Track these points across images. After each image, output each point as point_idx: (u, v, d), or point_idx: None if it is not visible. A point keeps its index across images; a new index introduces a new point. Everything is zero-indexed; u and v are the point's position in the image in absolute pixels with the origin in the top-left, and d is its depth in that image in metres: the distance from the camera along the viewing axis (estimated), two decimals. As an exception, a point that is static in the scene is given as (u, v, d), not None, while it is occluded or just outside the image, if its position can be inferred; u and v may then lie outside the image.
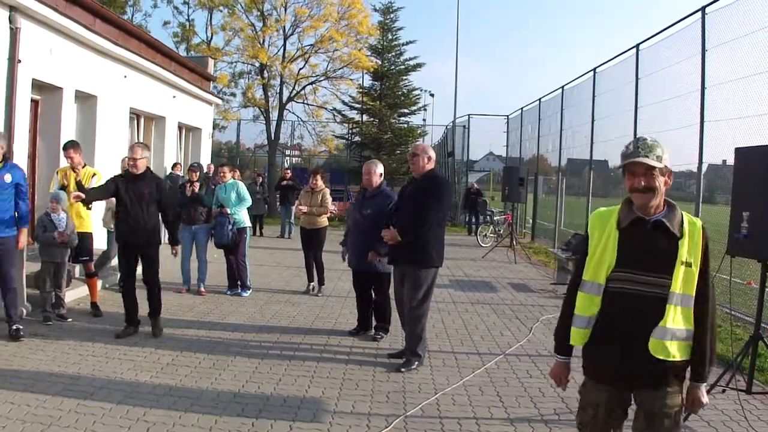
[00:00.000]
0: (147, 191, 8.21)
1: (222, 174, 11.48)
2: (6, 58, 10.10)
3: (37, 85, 11.30)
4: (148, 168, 8.40)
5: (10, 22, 10.10)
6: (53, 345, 7.45)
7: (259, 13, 32.74)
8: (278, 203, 23.81)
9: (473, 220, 25.28)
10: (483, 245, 20.62)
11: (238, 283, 11.40)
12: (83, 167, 9.18)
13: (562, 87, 19.94)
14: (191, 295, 10.99)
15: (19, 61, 10.27)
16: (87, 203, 8.55)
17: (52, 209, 8.61)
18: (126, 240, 8.36)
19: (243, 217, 11.36)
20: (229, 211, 11.07)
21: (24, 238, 8.01)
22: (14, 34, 10.19)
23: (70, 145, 9.19)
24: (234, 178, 11.58)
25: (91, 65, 13.06)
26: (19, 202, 7.91)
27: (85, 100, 13.21)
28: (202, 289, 11.20)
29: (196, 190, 11.05)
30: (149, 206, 8.22)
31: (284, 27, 32.98)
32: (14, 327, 7.87)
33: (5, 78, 10.09)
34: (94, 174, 9.29)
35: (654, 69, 13.12)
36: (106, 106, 13.84)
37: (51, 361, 7.08)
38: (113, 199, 8.50)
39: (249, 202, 11.47)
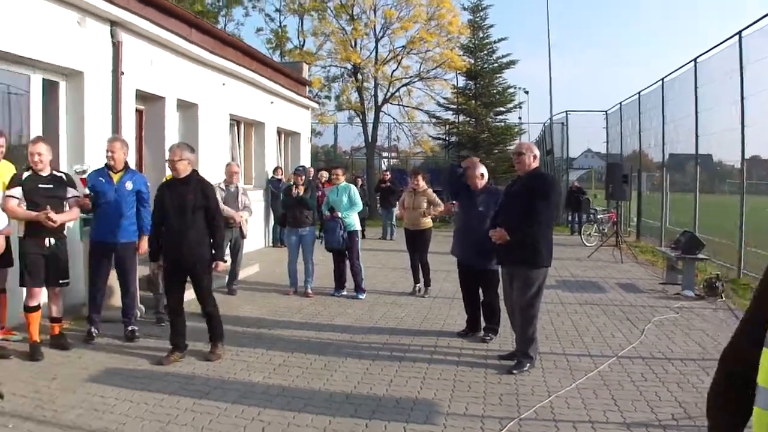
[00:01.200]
0: (191, 197, 7.22)
1: (335, 176, 11.55)
2: (110, 70, 10.44)
3: (141, 96, 11.67)
4: (194, 171, 7.45)
5: (112, 36, 10.44)
6: (167, 345, 7.59)
7: (348, 17, 33.05)
8: (378, 205, 23.87)
9: (576, 219, 24.80)
10: (588, 245, 20.13)
11: (346, 285, 11.48)
12: None
13: (662, 79, 19.23)
14: (298, 297, 11.10)
15: (123, 74, 10.61)
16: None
17: None
18: (169, 258, 7.42)
19: (354, 221, 11.35)
20: (339, 215, 11.10)
21: (145, 244, 8.19)
22: (116, 47, 10.52)
23: None
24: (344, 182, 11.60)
25: (190, 74, 13.42)
26: (141, 209, 8.26)
27: (187, 108, 13.58)
28: (309, 291, 11.28)
29: (302, 193, 11.13)
30: (195, 215, 7.22)
31: (374, 29, 33.22)
32: (130, 328, 8.20)
33: (110, 90, 10.44)
34: None
35: (761, 56, 12.45)
36: (207, 114, 14.21)
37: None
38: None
39: (360, 206, 11.45)
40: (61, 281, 7.50)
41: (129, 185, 8.14)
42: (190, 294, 7.59)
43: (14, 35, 8.48)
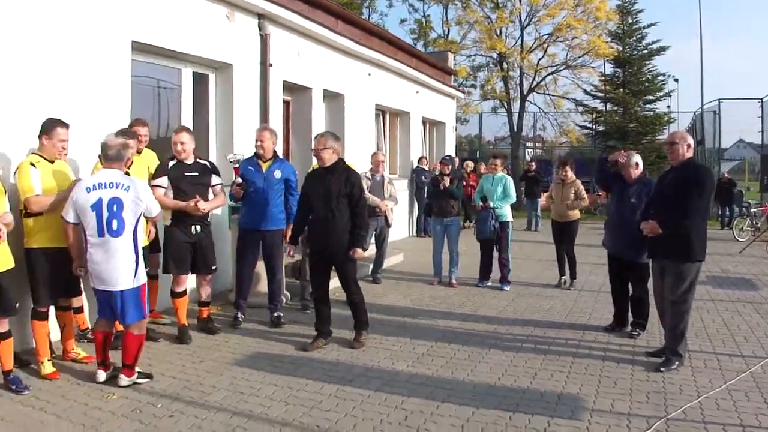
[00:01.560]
0: (336, 186, 7.17)
1: (493, 165, 11.26)
2: (258, 62, 10.68)
3: (288, 87, 11.88)
4: (340, 160, 7.39)
5: (260, 29, 10.67)
6: (312, 332, 7.65)
7: (493, 5, 32.70)
8: (524, 195, 23.45)
9: (726, 212, 23.52)
10: (739, 240, 18.89)
11: (491, 276, 11.27)
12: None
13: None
14: (443, 287, 10.99)
15: (271, 65, 10.84)
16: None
17: None
18: (315, 246, 7.53)
19: (506, 212, 11.07)
20: (491, 205, 10.86)
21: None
22: (264, 40, 10.75)
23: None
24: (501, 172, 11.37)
25: (336, 65, 13.57)
26: (289, 198, 8.34)
27: (333, 98, 13.76)
28: (454, 280, 11.14)
29: (448, 183, 10.99)
30: (340, 204, 7.18)
31: (520, 17, 32.73)
32: (276, 314, 8.34)
33: (259, 81, 10.68)
34: None
35: None
36: (353, 104, 14.35)
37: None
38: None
39: (513, 198, 11.11)
40: (209, 268, 7.70)
41: (277, 174, 8.22)
42: (335, 282, 7.62)
43: (167, 31, 8.79)
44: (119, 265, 5.71)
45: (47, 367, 6.13)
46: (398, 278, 11.71)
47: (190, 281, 7.77)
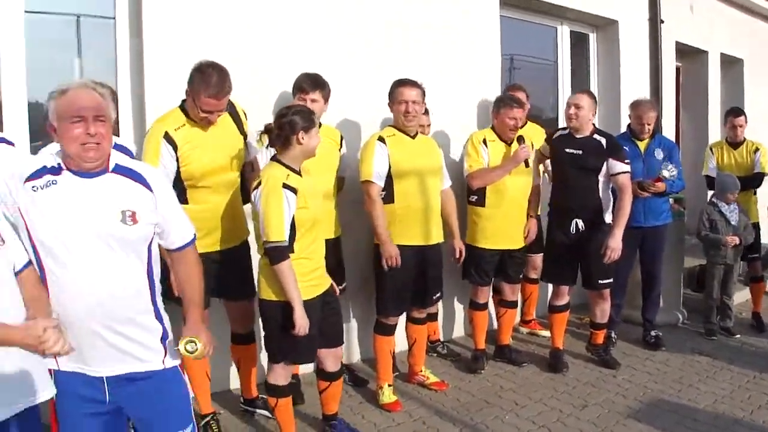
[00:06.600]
0: None
1: None
2: (646, 19, 8.45)
3: (679, 50, 9.41)
4: None
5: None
6: (724, 372, 5.50)
7: None
8: None
9: None
10: None
11: None
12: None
13: None
14: None
15: (662, 22, 8.50)
16: None
17: (726, 199, 6.57)
18: None
19: None
20: None
21: None
22: (656, -9, 8.51)
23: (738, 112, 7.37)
24: None
25: (733, 23, 10.66)
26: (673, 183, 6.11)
27: (730, 65, 10.79)
28: None
29: None
30: None
31: None
32: (653, 333, 6.24)
33: (648, 42, 8.46)
34: (756, 149, 7.10)
35: None
36: (754, 71, 11.20)
37: (728, 397, 5.02)
38: None
39: None
40: (600, 281, 5.51)
41: (659, 154, 6.08)
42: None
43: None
44: None
45: (386, 395, 4.72)
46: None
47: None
